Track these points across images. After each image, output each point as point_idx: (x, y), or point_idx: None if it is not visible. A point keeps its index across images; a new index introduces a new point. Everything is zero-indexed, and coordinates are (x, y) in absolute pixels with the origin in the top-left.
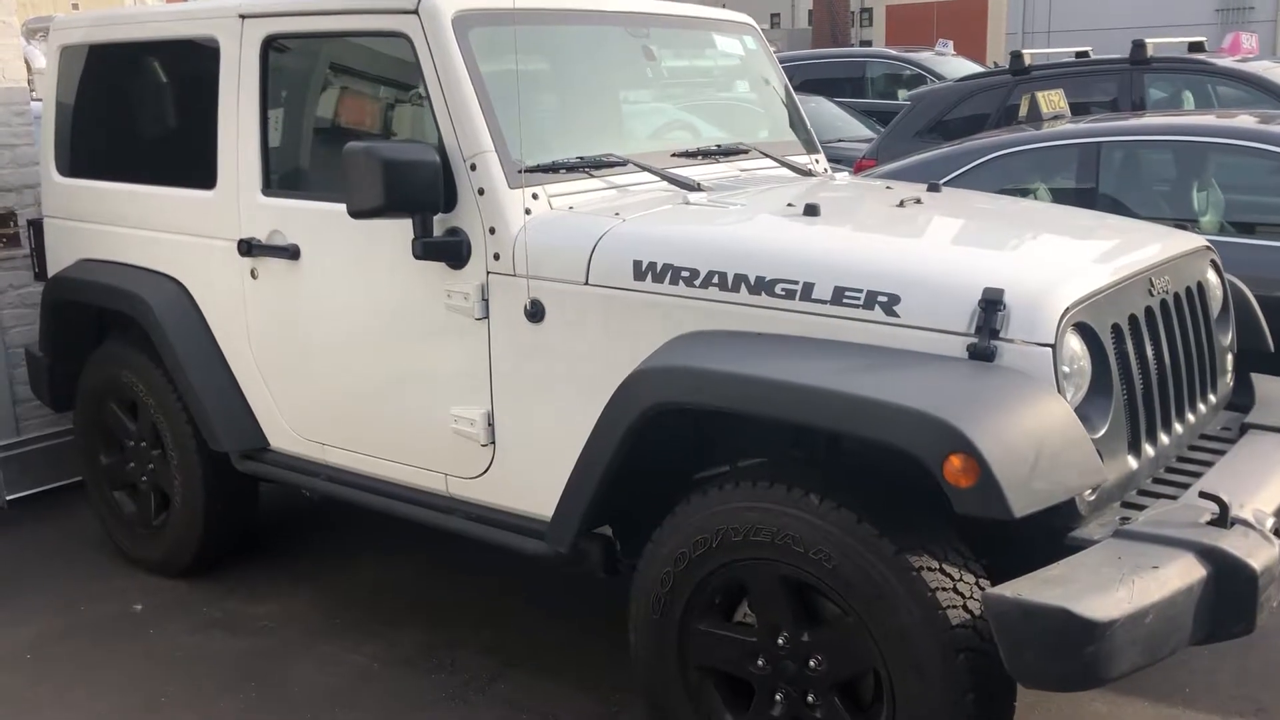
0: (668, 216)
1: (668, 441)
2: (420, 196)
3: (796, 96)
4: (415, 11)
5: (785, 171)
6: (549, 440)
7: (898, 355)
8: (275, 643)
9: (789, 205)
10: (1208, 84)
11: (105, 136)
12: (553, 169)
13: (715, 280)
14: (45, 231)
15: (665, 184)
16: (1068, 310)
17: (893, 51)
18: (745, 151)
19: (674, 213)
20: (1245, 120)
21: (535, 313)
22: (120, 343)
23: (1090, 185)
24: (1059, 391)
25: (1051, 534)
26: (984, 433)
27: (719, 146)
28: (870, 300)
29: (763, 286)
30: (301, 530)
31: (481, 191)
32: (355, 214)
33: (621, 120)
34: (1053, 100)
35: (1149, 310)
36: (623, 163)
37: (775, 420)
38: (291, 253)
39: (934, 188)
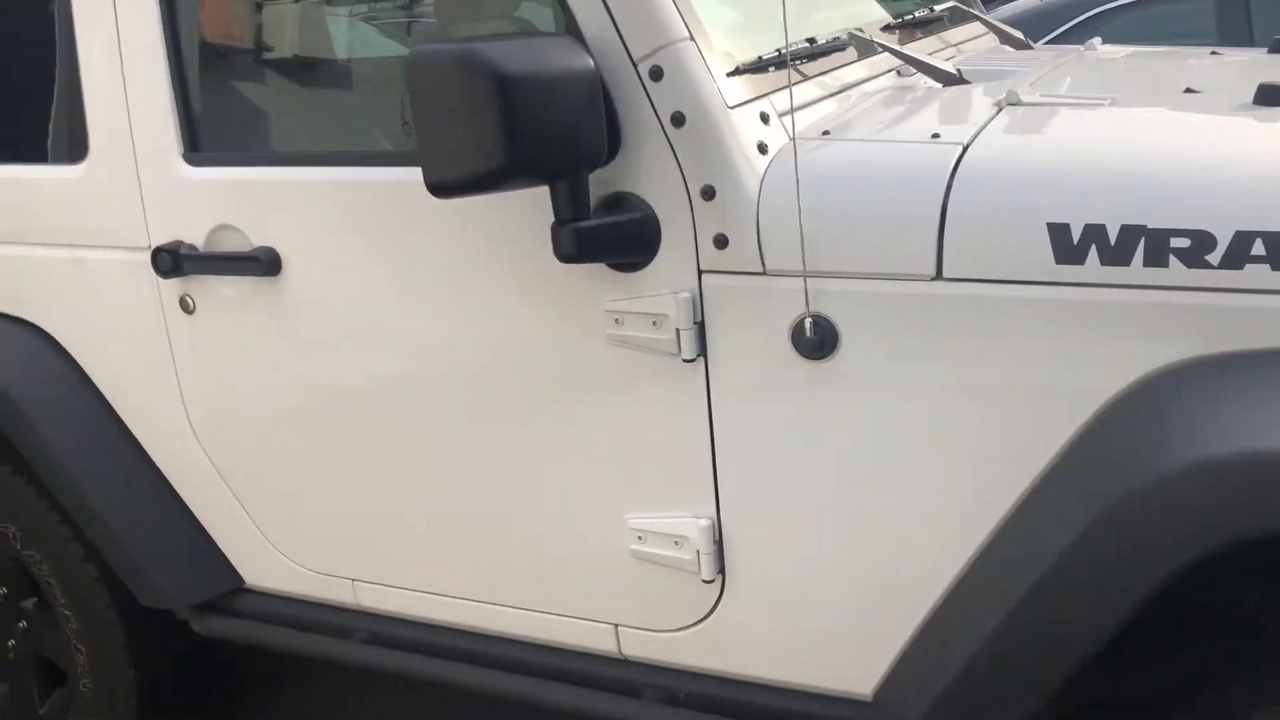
0: (1052, 133)
1: None
2: (572, 141)
3: None
4: None
5: (994, 41)
6: (846, 567)
7: None
8: None
9: (1187, 90)
10: None
11: None
12: (760, 68)
13: (1256, 250)
14: None
15: (898, 81)
16: None
17: None
18: (939, 19)
19: (1049, 125)
20: None
21: (819, 342)
22: None
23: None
24: None
25: None
26: None
27: (932, 11)
28: None
29: None
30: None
31: (679, 120)
32: (440, 189)
33: None
34: None
35: None
36: (842, 47)
37: None
38: (265, 264)
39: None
